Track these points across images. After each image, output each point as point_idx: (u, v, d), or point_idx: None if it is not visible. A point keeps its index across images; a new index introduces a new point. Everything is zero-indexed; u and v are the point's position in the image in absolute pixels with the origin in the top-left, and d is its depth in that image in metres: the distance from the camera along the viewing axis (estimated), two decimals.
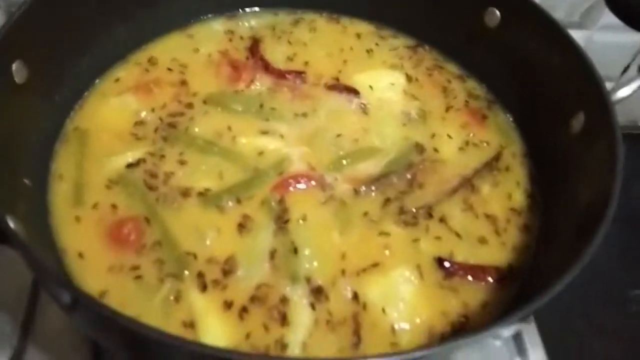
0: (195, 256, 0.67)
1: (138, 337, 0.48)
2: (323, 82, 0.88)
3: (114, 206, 0.71)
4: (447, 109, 0.86)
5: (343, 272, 0.67)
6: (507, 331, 0.61)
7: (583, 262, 0.56)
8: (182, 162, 0.75)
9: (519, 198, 0.77)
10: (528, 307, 0.54)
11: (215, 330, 0.61)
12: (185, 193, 0.72)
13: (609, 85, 1.28)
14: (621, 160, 0.63)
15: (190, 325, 0.61)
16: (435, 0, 0.90)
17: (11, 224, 0.56)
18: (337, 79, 0.88)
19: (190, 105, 0.82)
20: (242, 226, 0.70)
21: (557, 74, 0.77)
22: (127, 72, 0.87)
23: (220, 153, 0.77)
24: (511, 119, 0.86)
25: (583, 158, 0.71)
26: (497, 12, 0.83)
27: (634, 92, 0.69)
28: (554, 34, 0.76)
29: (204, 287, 0.64)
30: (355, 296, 0.65)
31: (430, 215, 0.73)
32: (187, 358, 0.50)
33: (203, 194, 0.72)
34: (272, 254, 0.67)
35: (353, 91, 0.86)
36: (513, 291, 0.68)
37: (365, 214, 0.72)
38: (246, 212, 0.71)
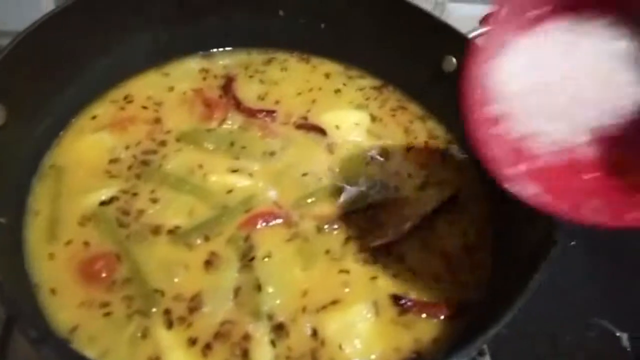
0: (163, 293, 0.69)
1: None
2: (292, 121, 0.92)
3: (86, 243, 0.73)
4: (409, 149, 0.91)
5: (304, 309, 0.70)
6: None
7: (523, 299, 0.61)
8: (153, 200, 0.79)
9: (472, 236, 0.81)
10: (474, 344, 0.58)
11: None
12: (156, 230, 0.75)
13: None
14: None
15: None
16: (399, 44, 0.95)
17: None
18: (306, 118, 0.93)
19: (163, 143, 0.86)
20: (209, 263, 0.73)
21: None
22: (103, 109, 0.90)
23: (191, 191, 0.80)
24: (468, 159, 0.91)
25: None
26: (454, 60, 0.88)
27: None
28: None
29: (170, 324, 0.67)
30: (315, 332, 0.68)
31: (388, 253, 0.77)
32: None
33: (173, 232, 0.75)
34: (237, 291, 0.70)
35: (320, 130, 0.91)
36: (463, 326, 0.72)
37: (327, 251, 0.76)
38: (213, 249, 0.74)
